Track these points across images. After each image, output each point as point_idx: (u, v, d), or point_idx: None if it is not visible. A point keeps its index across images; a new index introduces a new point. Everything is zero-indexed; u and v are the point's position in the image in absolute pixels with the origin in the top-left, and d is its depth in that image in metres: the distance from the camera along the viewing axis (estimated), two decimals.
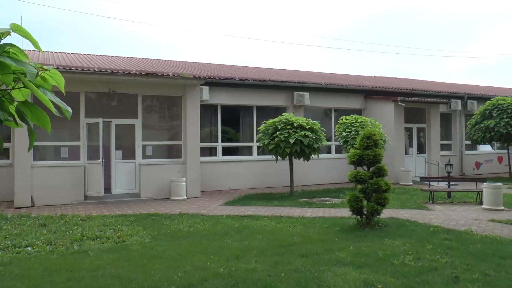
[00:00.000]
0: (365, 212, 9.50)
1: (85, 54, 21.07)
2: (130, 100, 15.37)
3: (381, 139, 15.48)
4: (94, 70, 14.10)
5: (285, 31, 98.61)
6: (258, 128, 15.71)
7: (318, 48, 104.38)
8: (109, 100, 15.46)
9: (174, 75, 15.00)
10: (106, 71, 14.18)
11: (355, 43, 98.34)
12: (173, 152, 16.05)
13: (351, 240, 8.34)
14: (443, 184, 16.80)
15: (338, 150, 19.60)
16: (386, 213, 11.09)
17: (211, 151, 17.96)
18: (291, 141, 13.96)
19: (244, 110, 18.85)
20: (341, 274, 6.20)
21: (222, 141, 18.12)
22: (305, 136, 14.23)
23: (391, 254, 7.22)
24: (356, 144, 9.97)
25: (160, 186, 15.09)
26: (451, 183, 15.81)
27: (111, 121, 14.83)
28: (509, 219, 10.80)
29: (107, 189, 14.78)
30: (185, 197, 14.97)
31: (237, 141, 18.79)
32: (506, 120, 20.54)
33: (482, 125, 21.29)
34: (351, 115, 17.40)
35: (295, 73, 23.99)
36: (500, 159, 25.43)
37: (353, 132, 16.20)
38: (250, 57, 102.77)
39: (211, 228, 9.67)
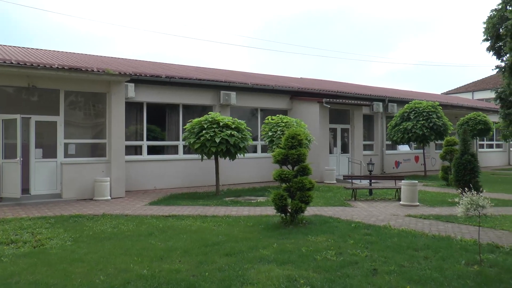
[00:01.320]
0: (290, 210, 9.65)
1: (2, 45, 19.78)
2: (51, 95, 14.63)
3: (306, 139, 15.88)
4: (11, 63, 13.24)
5: (214, 30, 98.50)
6: (184, 127, 15.49)
7: (246, 48, 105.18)
8: (28, 95, 14.64)
9: (98, 71, 14.46)
10: (25, 64, 13.38)
11: (282, 45, 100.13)
12: (97, 151, 15.48)
13: (275, 237, 8.43)
14: (365, 182, 17.49)
15: (264, 149, 19.80)
16: (310, 211, 11.35)
17: (137, 150, 17.52)
18: (217, 140, 13.92)
19: (170, 108, 18.56)
20: (265, 271, 6.25)
21: (148, 139, 17.73)
22: (231, 135, 14.24)
23: (314, 250, 7.38)
24: (281, 144, 10.10)
25: (83, 186, 14.51)
26: (373, 181, 16.49)
27: (30, 117, 14.05)
28: (423, 214, 11.45)
29: (26, 190, 13.99)
30: (109, 198, 14.50)
31: (163, 140, 18.46)
32: (422, 122, 21.75)
33: (401, 127, 22.39)
34: (277, 115, 17.62)
35: (222, 72, 23.98)
36: (416, 159, 26.89)
37: (278, 132, 16.42)
38: (178, 54, 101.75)
39: (135, 229, 9.41)
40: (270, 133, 16.87)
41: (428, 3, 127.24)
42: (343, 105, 22.08)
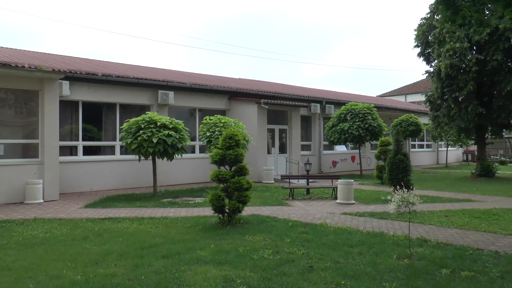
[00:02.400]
0: (227, 210, 9.67)
1: None
2: None
3: (244, 139, 15.94)
4: None
5: (153, 28, 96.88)
6: (121, 127, 15.13)
7: (185, 48, 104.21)
8: None
9: (30, 67, 13.79)
10: None
11: (222, 45, 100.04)
12: (29, 152, 14.74)
13: (213, 238, 8.42)
14: (302, 182, 17.79)
15: (202, 150, 19.73)
16: (248, 211, 11.41)
17: (72, 151, 16.91)
18: (154, 140, 13.69)
19: (107, 107, 18.06)
20: (202, 272, 6.22)
21: (83, 139, 17.15)
22: (169, 135, 14.06)
23: (251, 250, 7.43)
24: (219, 144, 10.09)
25: (14, 189, 13.79)
26: (310, 180, 16.80)
27: None
28: (358, 211, 11.82)
29: None
30: (42, 200, 13.89)
31: (99, 140, 17.93)
32: (358, 123, 22.45)
33: (338, 128, 22.98)
34: (215, 115, 17.59)
35: (160, 71, 23.60)
36: (353, 158, 27.71)
37: (216, 132, 16.39)
38: (115, 53, 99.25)
39: (69, 233, 9.08)
40: (208, 134, 16.81)
41: (364, 9, 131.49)
42: (281, 106, 22.37)
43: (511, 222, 10.23)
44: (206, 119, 17.52)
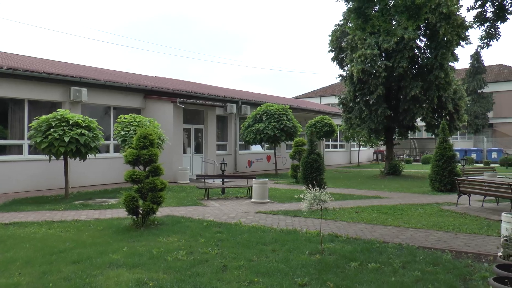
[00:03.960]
0: (141, 212, 9.53)
1: None
2: None
3: (159, 139, 15.74)
4: None
5: (67, 23, 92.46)
6: (30, 125, 14.29)
7: (99, 42, 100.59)
8: None
9: None
10: None
11: (138, 42, 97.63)
12: None
13: (126, 240, 8.27)
14: (218, 182, 17.87)
15: (117, 149, 19.18)
16: (163, 212, 11.33)
17: None
18: (66, 139, 13.12)
19: (14, 103, 16.93)
20: (114, 276, 6.10)
21: None
22: (81, 134, 13.54)
23: (165, 251, 7.39)
24: (133, 144, 9.90)
25: None
26: (225, 180, 16.93)
27: None
28: (273, 210, 12.13)
29: None
30: None
31: (5, 138, 16.73)
32: (274, 124, 22.90)
33: (253, 128, 23.29)
34: (130, 114, 17.18)
35: (73, 66, 22.53)
36: (268, 158, 28.24)
37: (131, 131, 16.02)
38: (26, 45, 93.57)
39: None
40: (122, 133, 16.39)
41: (282, 14, 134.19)
42: (197, 106, 22.32)
43: (413, 216, 11.03)
44: (120, 117, 17.06)
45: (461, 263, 6.81)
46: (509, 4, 10.69)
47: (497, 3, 10.78)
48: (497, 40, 11.14)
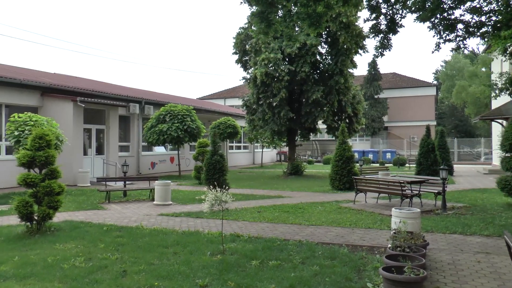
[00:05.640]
0: (36, 218, 8.98)
1: None
2: None
3: (58, 139, 14.94)
4: None
5: None
6: None
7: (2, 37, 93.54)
8: None
9: None
10: None
11: (34, 35, 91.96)
12: None
13: (18, 249, 7.75)
14: (120, 184, 17.33)
15: (10, 151, 17.88)
16: (61, 217, 10.80)
17: None
18: None
19: None
20: None
21: None
22: None
23: (61, 259, 7.02)
24: (28, 145, 9.30)
25: None
26: (128, 182, 16.47)
27: None
28: (175, 212, 12.01)
29: None
30: None
31: None
32: (177, 124, 22.60)
33: (157, 129, 22.82)
34: (25, 112, 16.08)
35: None
36: (172, 159, 27.88)
37: (26, 132, 15.01)
38: None
39: None
40: (16, 133, 15.27)
41: (187, 14, 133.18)
42: (99, 105, 21.48)
43: (313, 214, 11.48)
44: (14, 116, 15.88)
45: (356, 256, 7.23)
46: (399, 19, 11.54)
47: (389, 17, 11.58)
48: (389, 50, 11.99)
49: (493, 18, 11.05)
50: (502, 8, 10.77)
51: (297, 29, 21.40)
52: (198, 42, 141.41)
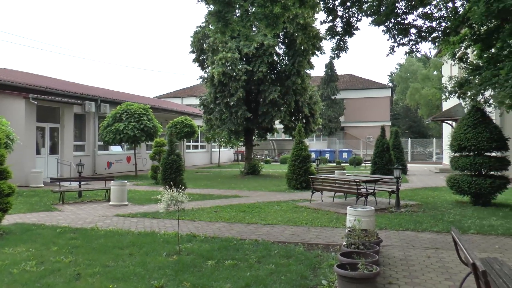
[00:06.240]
0: None
1: None
2: None
3: (8, 138, 14.45)
4: None
5: None
6: None
7: None
8: None
9: None
10: None
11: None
12: None
13: None
14: (75, 184, 16.94)
15: None
16: (11, 219, 10.48)
17: None
18: None
19: None
20: None
21: None
22: None
23: (11, 263, 6.78)
24: None
25: None
26: (83, 182, 16.13)
27: None
28: (131, 212, 11.86)
29: None
30: None
31: None
32: (134, 124, 22.23)
33: (113, 128, 22.36)
34: None
35: None
36: (128, 159, 27.43)
37: None
38: None
39: None
40: None
41: (144, 11, 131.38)
42: (53, 103, 20.88)
43: (270, 213, 11.57)
44: None
45: (312, 254, 7.34)
46: (355, 22, 11.81)
47: (345, 20, 11.83)
48: (345, 52, 12.25)
49: (443, 24, 11.49)
50: (451, 15, 11.23)
51: (254, 29, 21.55)
52: (156, 40, 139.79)
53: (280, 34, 23.68)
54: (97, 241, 8.31)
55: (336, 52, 12.23)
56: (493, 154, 12.88)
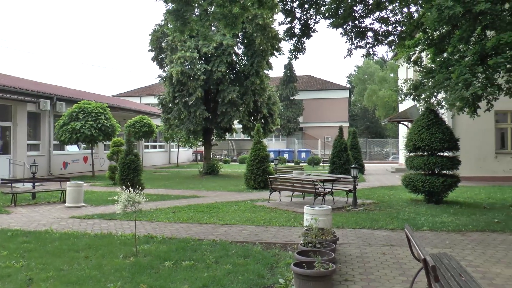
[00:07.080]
0: None
1: None
2: None
3: None
4: None
5: None
6: None
7: None
8: None
9: None
10: None
11: None
12: None
13: None
14: (28, 185, 16.43)
15: None
16: None
17: None
18: None
19: None
20: None
21: None
22: None
23: None
24: None
25: None
26: (37, 183, 15.68)
27: None
28: (88, 214, 11.61)
29: None
30: None
31: None
32: (91, 123, 21.74)
33: (69, 127, 21.78)
34: None
35: None
36: (85, 159, 26.82)
37: None
38: None
39: None
40: None
41: (100, 7, 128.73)
42: (4, 100, 20.16)
43: (228, 213, 11.59)
44: None
45: (269, 253, 7.41)
46: (313, 24, 11.98)
47: (303, 22, 11.98)
48: (303, 53, 12.41)
49: (399, 28, 11.83)
50: (406, 20, 11.56)
51: (213, 29, 21.53)
52: (114, 37, 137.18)
53: (239, 34, 23.74)
54: (51, 244, 8.09)
55: (294, 53, 12.36)
56: (445, 154, 13.35)
